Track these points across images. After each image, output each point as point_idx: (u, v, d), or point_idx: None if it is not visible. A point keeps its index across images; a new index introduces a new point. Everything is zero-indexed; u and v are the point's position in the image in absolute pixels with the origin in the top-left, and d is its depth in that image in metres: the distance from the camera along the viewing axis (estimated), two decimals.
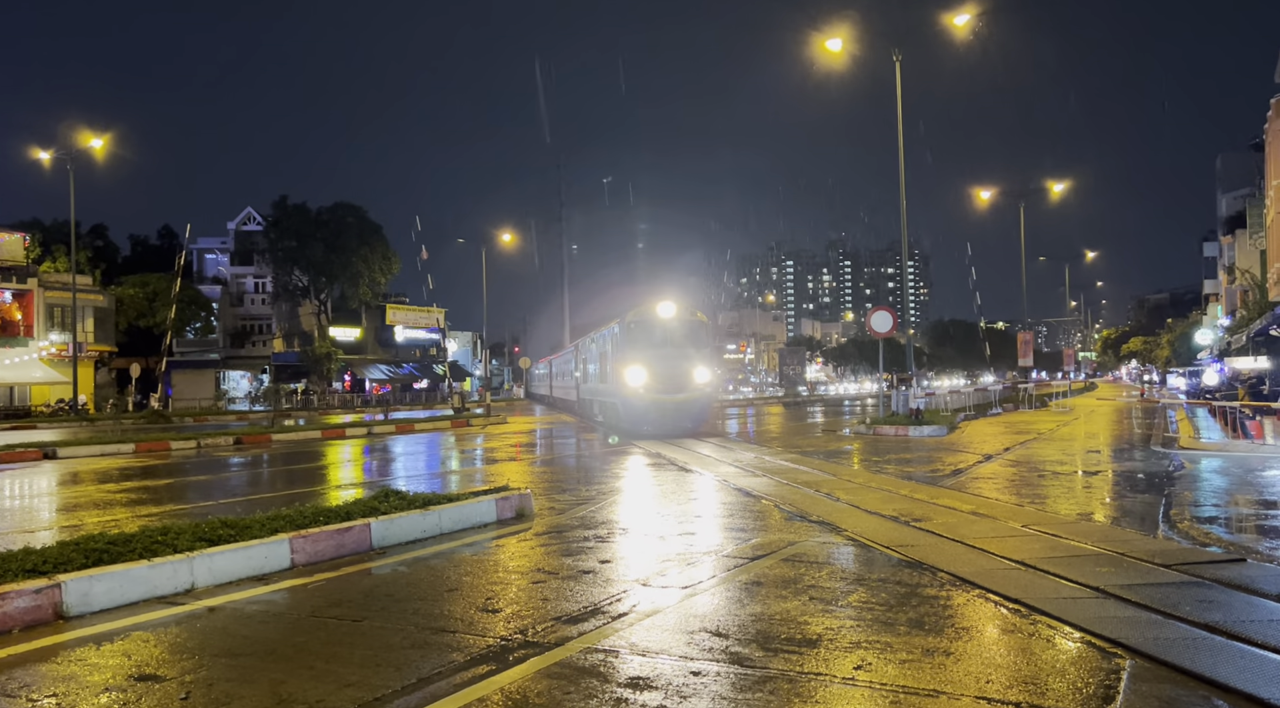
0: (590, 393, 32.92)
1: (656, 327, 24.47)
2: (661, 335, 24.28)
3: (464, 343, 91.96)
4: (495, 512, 10.03)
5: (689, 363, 24.04)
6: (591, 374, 31.64)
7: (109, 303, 56.74)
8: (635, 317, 24.87)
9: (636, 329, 24.55)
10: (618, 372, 24.59)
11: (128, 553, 6.94)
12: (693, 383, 23.99)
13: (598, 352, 29.78)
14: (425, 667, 5.03)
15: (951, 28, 26.12)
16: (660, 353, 23.91)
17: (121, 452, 22.52)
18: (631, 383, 23.78)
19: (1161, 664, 4.88)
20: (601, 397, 29.04)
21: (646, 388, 23.61)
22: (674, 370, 23.72)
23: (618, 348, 25.14)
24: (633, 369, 23.73)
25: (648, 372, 23.63)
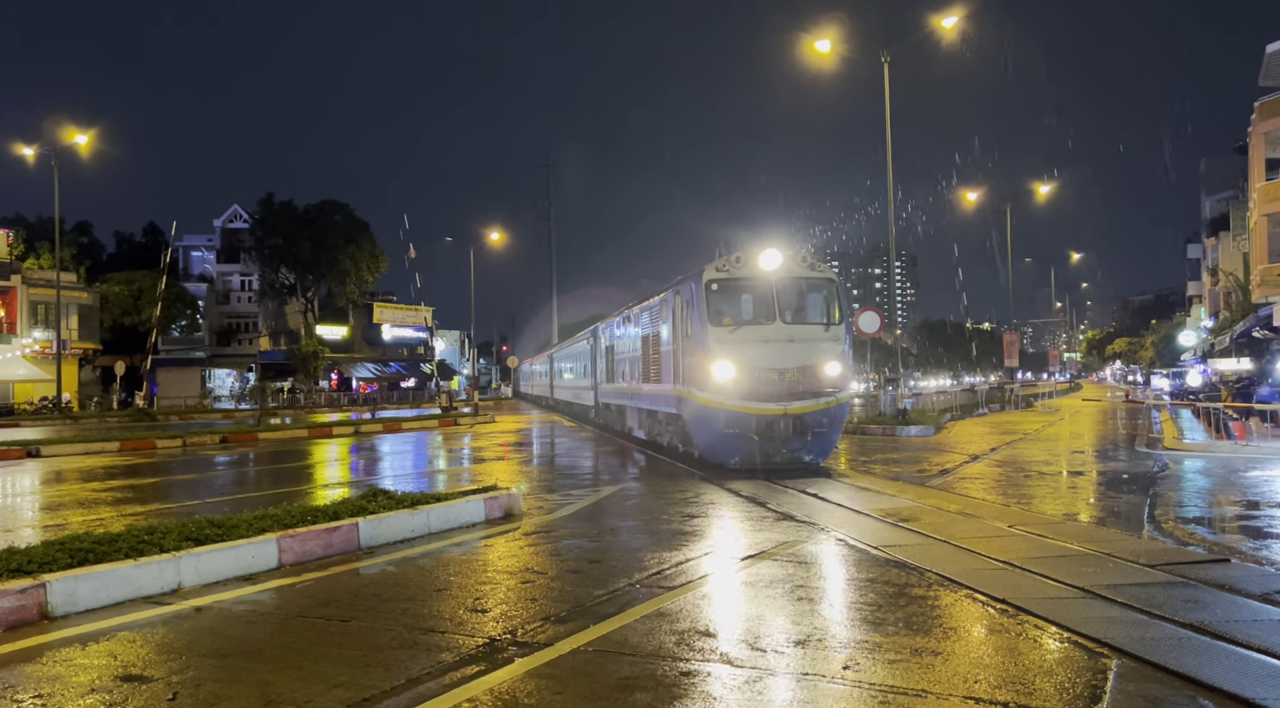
0: (620, 397, 23.07)
1: (755, 290, 14.84)
2: (763, 304, 14.70)
3: (452, 342, 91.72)
4: (484, 511, 10.01)
5: (813, 351, 14.37)
6: (625, 371, 21.78)
7: (93, 300, 56.32)
8: (719, 275, 14.83)
9: (721, 296, 14.77)
10: (688, 365, 15.07)
11: (113, 553, 6.89)
12: (820, 384, 14.27)
13: (638, 336, 19.82)
14: (414, 667, 5.02)
15: (939, 30, 26.21)
16: (763, 334, 14.33)
17: (106, 450, 22.36)
18: (713, 384, 14.14)
19: (1147, 664, 4.92)
20: (647, 403, 19.01)
21: (738, 392, 13.94)
22: (788, 363, 14.19)
23: (687, 327, 15.15)
24: (718, 364, 14.04)
25: (741, 365, 14.04)
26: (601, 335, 26.68)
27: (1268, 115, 33.32)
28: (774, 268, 14.78)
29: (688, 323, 15.07)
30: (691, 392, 14.84)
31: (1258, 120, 34.05)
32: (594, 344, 28.25)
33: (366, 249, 67.95)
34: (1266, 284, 32.24)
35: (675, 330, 15.96)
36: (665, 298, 17.06)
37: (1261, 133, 33.97)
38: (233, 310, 72.30)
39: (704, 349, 14.31)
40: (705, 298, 14.61)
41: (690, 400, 15.03)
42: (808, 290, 15.23)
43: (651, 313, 18.45)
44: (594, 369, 28.32)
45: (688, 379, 14.97)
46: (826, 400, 14.30)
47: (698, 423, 14.97)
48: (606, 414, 26.86)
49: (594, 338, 28.39)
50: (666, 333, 16.72)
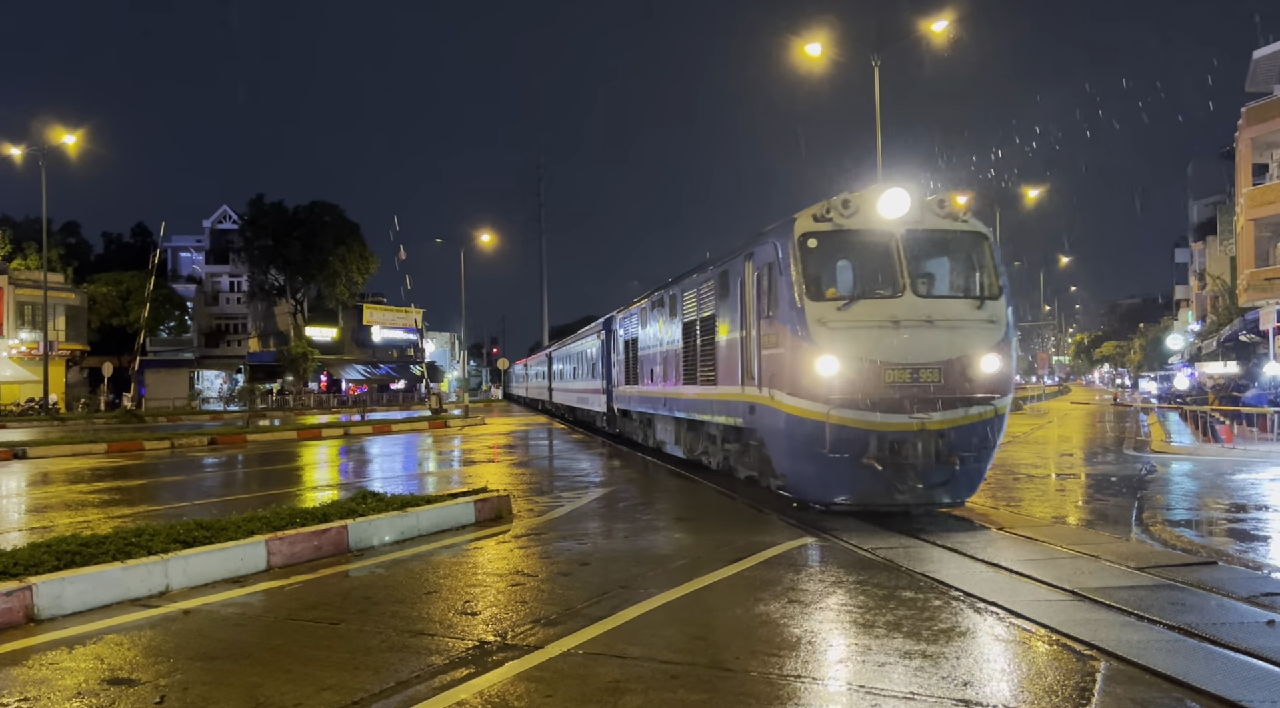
0: (646, 403, 18.40)
1: (873, 249, 10.26)
2: (886, 270, 10.12)
3: (442, 343, 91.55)
4: (474, 514, 9.99)
5: (961, 338, 9.93)
6: (654, 371, 17.19)
7: (81, 301, 56.02)
8: (820, 227, 10.23)
9: (823, 258, 10.29)
10: (769, 359, 10.53)
11: (101, 555, 6.85)
12: (972, 385, 9.84)
13: (675, 325, 15.41)
14: (404, 670, 5.00)
15: (929, 34, 26.30)
16: (887, 312, 9.82)
17: (93, 452, 22.23)
18: (812, 385, 9.69)
19: (1135, 667, 4.94)
20: (690, 411, 14.57)
21: (851, 398, 9.59)
22: (925, 356, 9.76)
23: (768, 304, 10.61)
24: (822, 358, 9.60)
25: (855, 359, 9.62)
26: (617, 329, 22.20)
27: (1254, 120, 33.57)
28: (901, 215, 9.93)
29: (769, 298, 10.38)
30: (774, 397, 10.20)
31: (1244, 125, 34.30)
32: (607, 340, 23.75)
33: (356, 250, 67.80)
34: (1253, 288, 32.47)
35: (744, 311, 11.28)
36: (726, 270, 12.28)
37: (1248, 138, 34.21)
38: (221, 312, 72.01)
39: (798, 335, 9.68)
40: (799, 260, 9.87)
41: (771, 409, 10.31)
42: (951, 249, 10.49)
43: (699, 293, 13.77)
44: (606, 369, 23.74)
45: (769, 379, 10.37)
46: (981, 411, 9.67)
47: (784, 441, 10.17)
48: (625, 424, 21.99)
49: (606, 332, 23.81)
50: (728, 316, 12.11)
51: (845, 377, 9.47)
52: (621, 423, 22.69)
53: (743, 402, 11.39)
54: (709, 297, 13.25)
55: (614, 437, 23.87)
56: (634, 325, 19.69)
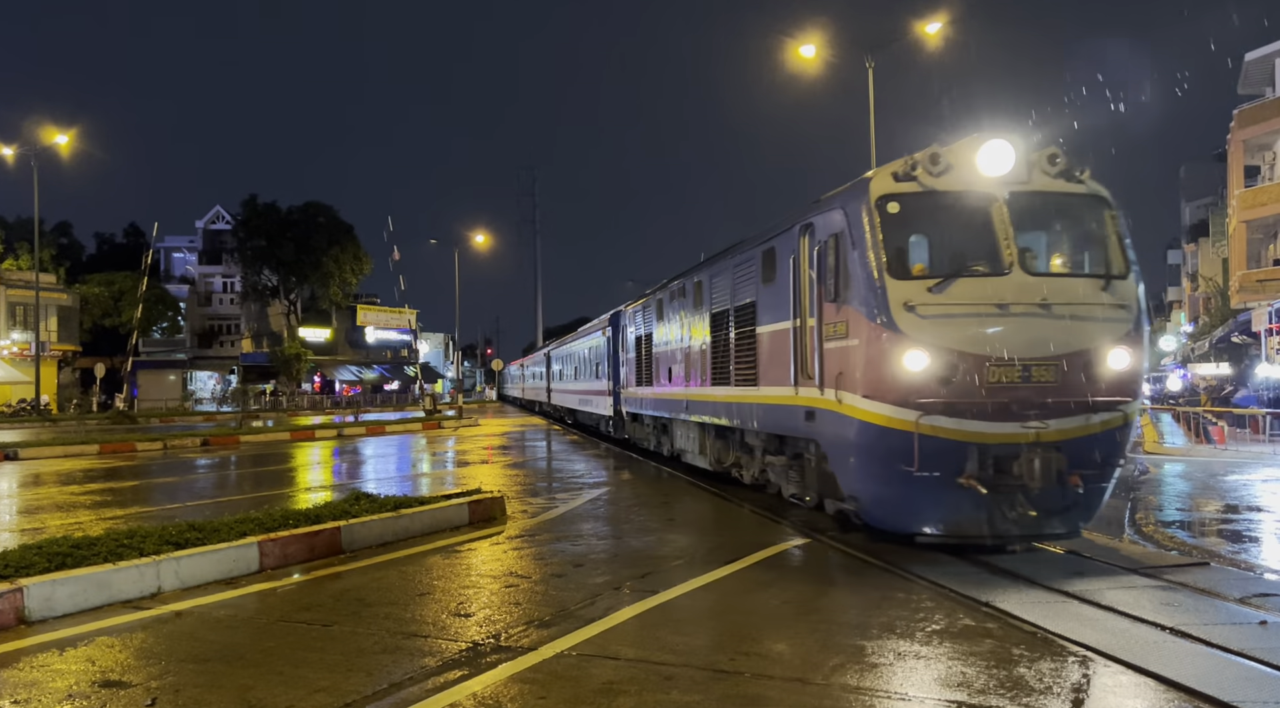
0: (662, 406, 16.65)
1: (969, 215, 8.26)
2: (986, 241, 8.17)
3: (436, 344, 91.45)
4: (467, 515, 9.97)
5: (1083, 326, 8.01)
6: (673, 370, 15.30)
7: (73, 301, 55.83)
8: (903, 188, 8.29)
9: (905, 225, 8.57)
10: (834, 352, 8.59)
11: (92, 556, 6.82)
12: (1096, 385, 7.91)
13: (703, 316, 13.36)
14: (397, 672, 4.99)
15: (923, 35, 26.34)
16: (991, 293, 7.92)
17: (85, 453, 22.14)
18: (894, 383, 7.75)
19: (1129, 668, 4.95)
20: (721, 415, 12.58)
21: (945, 401, 7.66)
22: (1038, 348, 7.79)
23: (834, 284, 8.55)
24: (910, 352, 7.68)
25: (949, 351, 7.71)
26: (626, 324, 20.28)
27: (1247, 122, 33.69)
28: (1004, 173, 8.05)
29: (835, 278, 8.37)
30: (842, 399, 8.23)
31: (1236, 127, 34.43)
32: (614, 337, 21.89)
33: (350, 251, 67.69)
34: (1245, 290, 32.58)
35: (799, 296, 9.35)
36: (772, 247, 10.35)
37: (1240, 140, 34.34)
38: (215, 312, 71.84)
39: (877, 322, 7.78)
40: (877, 229, 7.97)
41: (837, 415, 8.34)
42: (1067, 216, 8.61)
43: (734, 278, 11.73)
44: (613, 369, 22.00)
45: (834, 377, 8.41)
46: (1107, 418, 7.84)
47: (854, 455, 8.25)
48: (635, 429, 20.22)
49: (613, 328, 21.97)
50: (774, 304, 10.16)
51: (939, 374, 7.56)
52: (631, 428, 20.66)
53: (795, 406, 9.41)
54: (747, 281, 11.20)
55: (621, 442, 22.04)
56: (647, 319, 17.71)
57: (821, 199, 9.38)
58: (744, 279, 11.40)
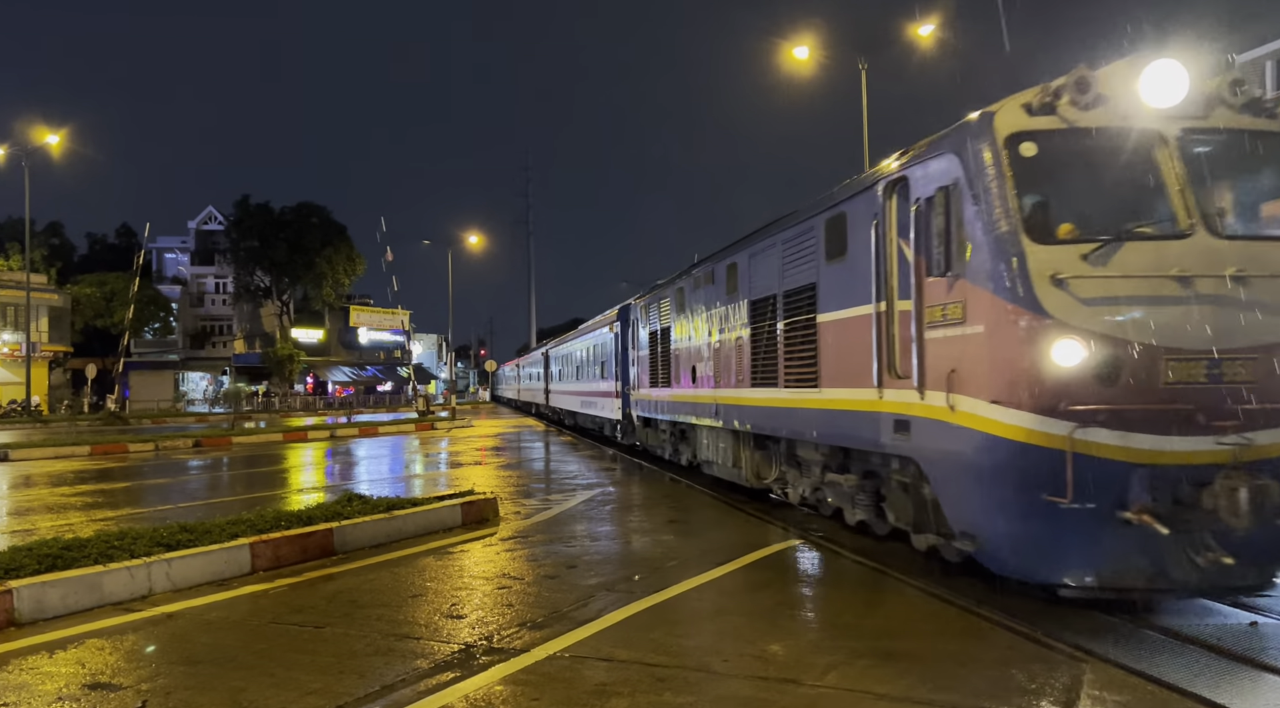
0: (682, 409, 14.64)
1: (1132, 158, 6.19)
2: (1156, 191, 6.20)
3: (429, 345, 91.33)
4: (460, 516, 9.95)
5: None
6: (698, 370, 13.39)
7: (65, 302, 55.63)
8: (1040, 123, 6.22)
9: (1045, 171, 6.38)
10: (941, 343, 6.62)
11: (83, 558, 6.79)
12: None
13: (737, 304, 11.54)
14: (389, 674, 4.97)
15: (917, 38, 26.42)
16: (1166, 259, 5.91)
17: (76, 454, 22.05)
18: (1037, 381, 5.79)
19: (1121, 669, 4.96)
20: (782, 424, 10.12)
21: (1108, 407, 5.72)
22: (1235, 338, 5.80)
23: (941, 250, 6.43)
24: (1061, 341, 5.76)
25: (1111, 340, 5.77)
26: (638, 318, 18.32)
27: None
28: (1175, 104, 6.21)
29: (946, 244, 6.44)
30: (956, 404, 6.38)
31: None
32: (623, 333, 20.16)
33: (343, 252, 67.58)
34: None
35: (884, 272, 7.44)
36: (841, 213, 8.40)
37: None
38: (207, 313, 71.68)
39: (1011, 299, 5.99)
40: (1005, 175, 6.17)
41: (948, 427, 6.50)
42: (1262, 162, 6.57)
43: (785, 255, 9.81)
44: (621, 368, 20.21)
45: (943, 376, 6.54)
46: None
47: (977, 479, 6.31)
48: (648, 435, 18.34)
49: (622, 323, 20.28)
50: (845, 283, 8.23)
51: (1099, 372, 5.74)
52: (643, 434, 18.76)
53: (878, 413, 7.46)
54: (803, 259, 9.25)
55: (629, 449, 20.52)
56: (665, 312, 15.69)
57: (917, 146, 7.23)
58: (798, 257, 9.44)
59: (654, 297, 16.95)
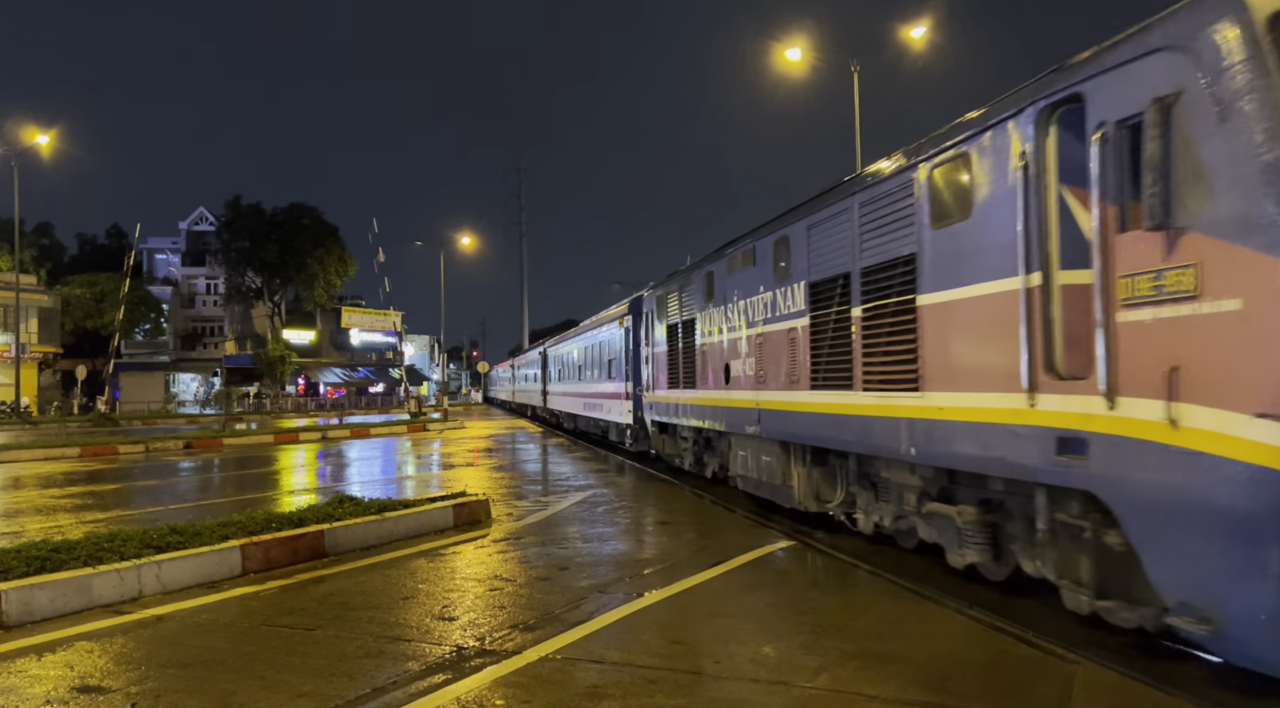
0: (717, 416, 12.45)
1: None
2: None
3: (421, 347, 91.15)
4: (452, 518, 9.94)
5: None
6: (733, 365, 11.58)
7: (54, 303, 55.35)
8: None
9: None
10: (1141, 332, 4.72)
11: (72, 561, 6.76)
12: None
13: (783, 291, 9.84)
14: (380, 676, 4.96)
15: (908, 39, 26.49)
16: None
17: (66, 456, 21.94)
18: None
19: (1113, 672, 4.97)
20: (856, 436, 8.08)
21: None
22: None
23: (1160, 192, 4.49)
24: None
25: None
26: (654, 310, 16.07)
27: None
28: None
29: (1162, 184, 4.55)
30: (1181, 420, 4.47)
31: None
32: (635, 328, 18.39)
33: (335, 253, 67.36)
34: None
35: (1044, 229, 5.59)
36: (964, 155, 6.47)
37: None
38: (198, 314, 71.38)
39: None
40: (1273, 71, 4.19)
41: (1170, 452, 4.53)
42: None
43: (861, 220, 7.96)
44: (633, 368, 18.52)
45: (1157, 376, 4.61)
46: None
47: (1232, 533, 4.24)
48: (666, 443, 16.37)
49: (635, 317, 18.47)
50: (971, 248, 6.37)
51: None
52: (659, 441, 16.74)
53: (1030, 426, 5.61)
54: (897, 222, 7.31)
55: (639, 456, 18.98)
56: (688, 302, 13.68)
57: (1095, 51, 5.30)
58: (886, 223, 7.50)
59: (675, 285, 14.54)
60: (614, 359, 20.73)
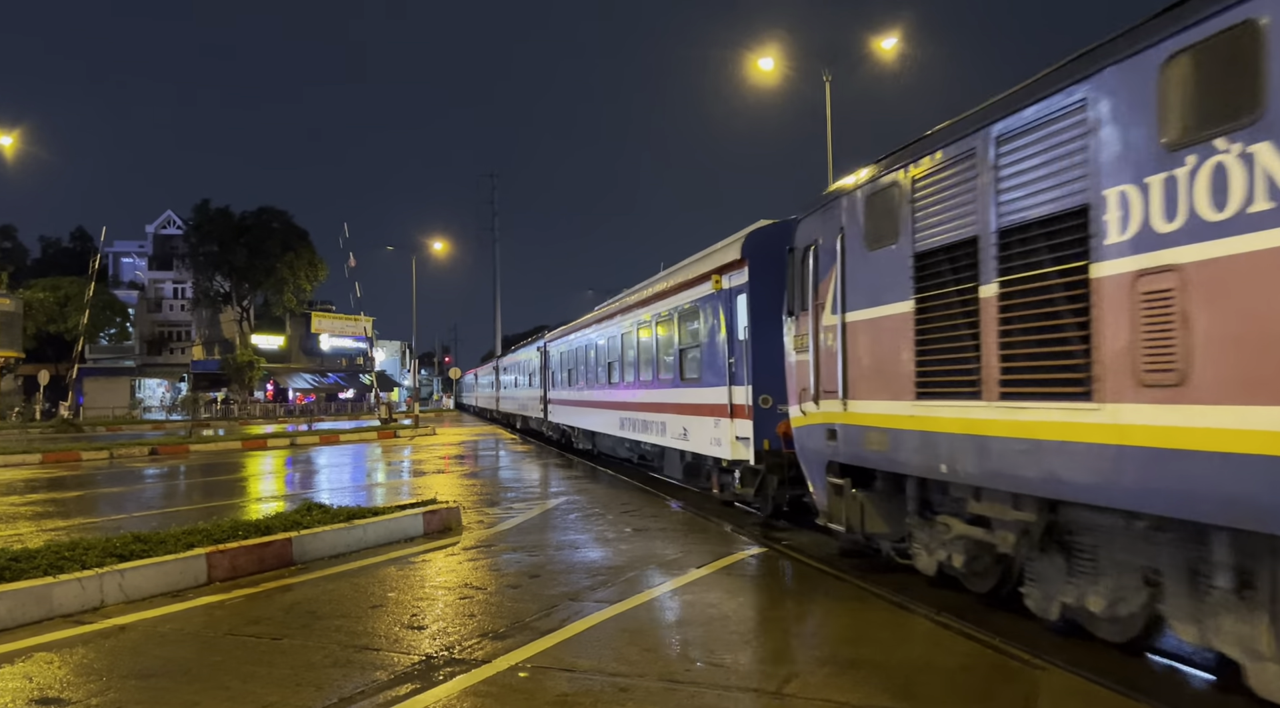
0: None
1: None
2: None
3: (392, 352, 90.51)
4: (422, 526, 9.86)
5: None
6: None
7: (16, 307, 54.29)
8: None
9: None
10: None
11: (31, 570, 6.63)
12: None
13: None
14: (347, 686, 4.90)
15: (880, 51, 26.75)
16: None
17: (27, 462, 21.55)
18: None
19: (1078, 677, 5.02)
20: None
21: None
22: None
23: None
24: None
25: None
26: (848, 235, 7.74)
27: None
28: None
29: None
30: None
31: None
32: (760, 285, 10.94)
33: (305, 257, 66.79)
34: None
35: None
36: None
37: None
38: (165, 319, 70.48)
39: None
40: None
41: None
42: None
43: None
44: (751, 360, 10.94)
45: None
46: None
47: None
48: (879, 515, 7.64)
49: (761, 269, 10.94)
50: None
51: None
52: (849, 507, 7.94)
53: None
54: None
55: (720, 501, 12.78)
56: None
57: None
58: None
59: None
60: (702, 347, 12.77)
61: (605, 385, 19.41)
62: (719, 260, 12.16)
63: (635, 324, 16.91)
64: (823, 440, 8.16)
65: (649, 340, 15.88)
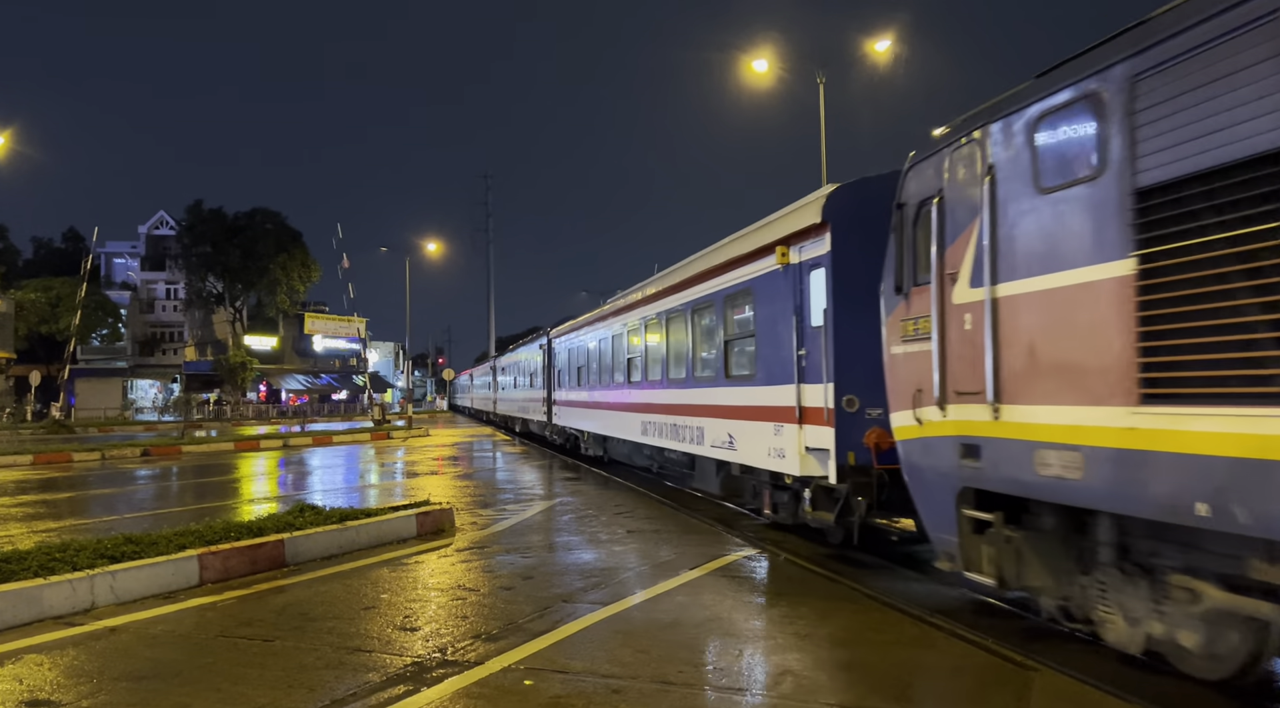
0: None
1: None
2: None
3: (385, 354, 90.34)
4: (415, 527, 9.85)
5: None
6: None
7: (7, 308, 54.13)
8: None
9: None
10: None
11: (22, 571, 6.60)
12: None
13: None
14: (340, 688, 4.89)
15: (873, 53, 26.80)
16: None
17: (18, 463, 21.46)
18: None
19: (1070, 678, 5.03)
20: None
21: None
22: None
23: None
24: None
25: None
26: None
27: None
28: None
29: None
30: None
31: None
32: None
33: (298, 258, 66.64)
34: None
35: None
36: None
37: None
38: (157, 319, 70.27)
39: None
40: None
41: None
42: None
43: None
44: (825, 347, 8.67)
45: None
46: None
47: None
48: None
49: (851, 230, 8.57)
50: None
51: None
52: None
53: None
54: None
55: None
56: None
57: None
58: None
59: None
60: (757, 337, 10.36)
61: (624, 385, 16.85)
62: (785, 228, 9.64)
63: (663, 314, 14.31)
64: (953, 459, 6.13)
65: (681, 332, 13.37)
